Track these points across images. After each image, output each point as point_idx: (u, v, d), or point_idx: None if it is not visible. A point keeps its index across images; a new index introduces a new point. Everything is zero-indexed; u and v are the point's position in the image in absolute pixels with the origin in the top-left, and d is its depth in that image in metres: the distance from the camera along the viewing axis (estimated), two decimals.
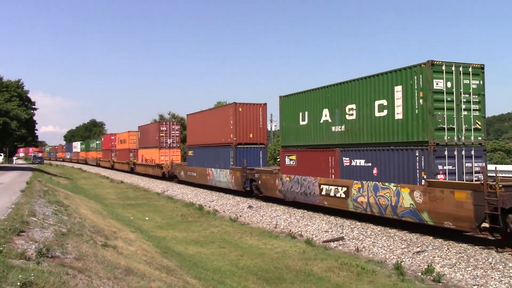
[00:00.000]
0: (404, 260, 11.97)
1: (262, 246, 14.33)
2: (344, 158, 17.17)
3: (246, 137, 26.86)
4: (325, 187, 18.10)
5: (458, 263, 11.22)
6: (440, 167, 13.44)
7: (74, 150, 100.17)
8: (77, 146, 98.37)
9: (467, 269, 10.79)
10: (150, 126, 47.60)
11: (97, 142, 76.99)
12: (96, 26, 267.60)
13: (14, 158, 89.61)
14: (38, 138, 71.12)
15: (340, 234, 15.39)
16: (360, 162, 16.29)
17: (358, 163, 16.39)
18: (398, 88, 14.61)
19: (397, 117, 14.67)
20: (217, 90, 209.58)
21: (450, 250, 12.27)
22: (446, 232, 13.64)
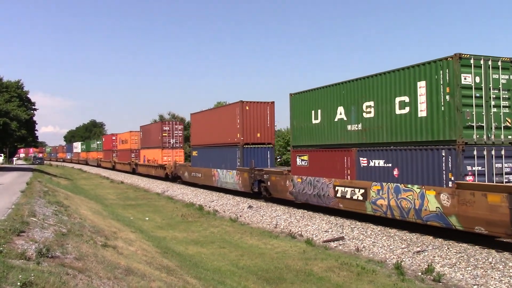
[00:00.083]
0: (404, 259, 11.98)
1: (262, 246, 14.34)
2: (361, 158, 16.32)
3: (253, 136, 25.98)
4: (340, 189, 17.26)
5: (458, 263, 11.23)
6: (468, 168, 12.65)
7: (75, 150, 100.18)
8: (77, 147, 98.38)
9: (467, 268, 10.80)
10: (152, 126, 46.95)
11: (98, 143, 76.70)
12: (96, 26, 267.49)
13: (14, 158, 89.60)
14: (38, 138, 71.29)
15: (340, 234, 15.40)
16: (379, 163, 15.46)
17: (376, 164, 15.57)
18: (422, 83, 13.77)
19: (420, 114, 13.85)
20: (217, 90, 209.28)
21: (450, 249, 12.29)
22: (446, 232, 13.64)
